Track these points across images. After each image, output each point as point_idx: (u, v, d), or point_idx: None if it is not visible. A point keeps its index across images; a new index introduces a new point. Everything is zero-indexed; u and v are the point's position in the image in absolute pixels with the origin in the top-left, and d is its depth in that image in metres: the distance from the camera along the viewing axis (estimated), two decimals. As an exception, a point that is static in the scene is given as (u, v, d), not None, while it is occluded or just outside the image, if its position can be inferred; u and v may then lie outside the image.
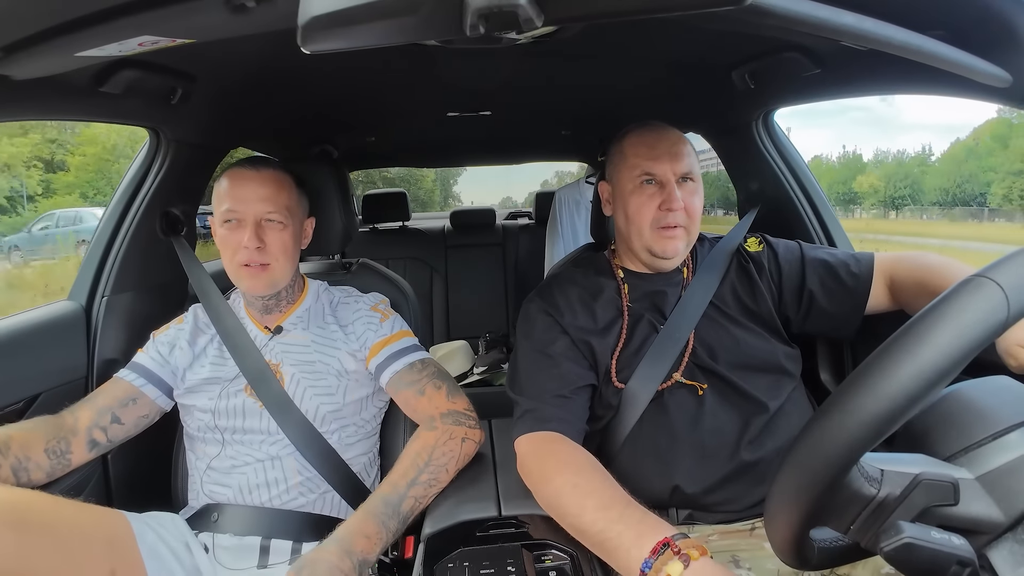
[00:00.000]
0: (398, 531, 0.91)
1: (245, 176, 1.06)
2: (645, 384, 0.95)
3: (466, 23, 0.46)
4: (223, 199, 1.05)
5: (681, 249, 1.01)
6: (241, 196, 1.05)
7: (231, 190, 1.05)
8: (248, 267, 1.05)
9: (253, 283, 1.07)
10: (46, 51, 0.69)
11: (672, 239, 0.99)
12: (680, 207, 0.97)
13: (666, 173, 0.98)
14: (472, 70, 1.30)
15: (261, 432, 1.06)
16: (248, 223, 1.04)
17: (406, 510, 0.91)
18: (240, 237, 1.04)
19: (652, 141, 1.01)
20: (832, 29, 0.51)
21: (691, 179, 1.00)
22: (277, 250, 1.06)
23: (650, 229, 0.99)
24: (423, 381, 1.08)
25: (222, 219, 1.05)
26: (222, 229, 1.06)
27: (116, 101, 1.03)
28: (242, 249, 1.04)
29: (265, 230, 1.05)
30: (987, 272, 0.40)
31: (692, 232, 1.01)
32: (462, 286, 3.12)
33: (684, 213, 0.98)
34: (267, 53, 1.04)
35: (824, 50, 0.99)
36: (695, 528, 0.93)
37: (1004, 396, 0.51)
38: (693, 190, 1.00)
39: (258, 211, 1.05)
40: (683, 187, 0.99)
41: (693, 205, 1.00)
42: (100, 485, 1.20)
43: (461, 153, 3.18)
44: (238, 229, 1.05)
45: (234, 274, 1.08)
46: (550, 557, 0.80)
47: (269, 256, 1.06)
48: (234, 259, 1.05)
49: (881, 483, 0.44)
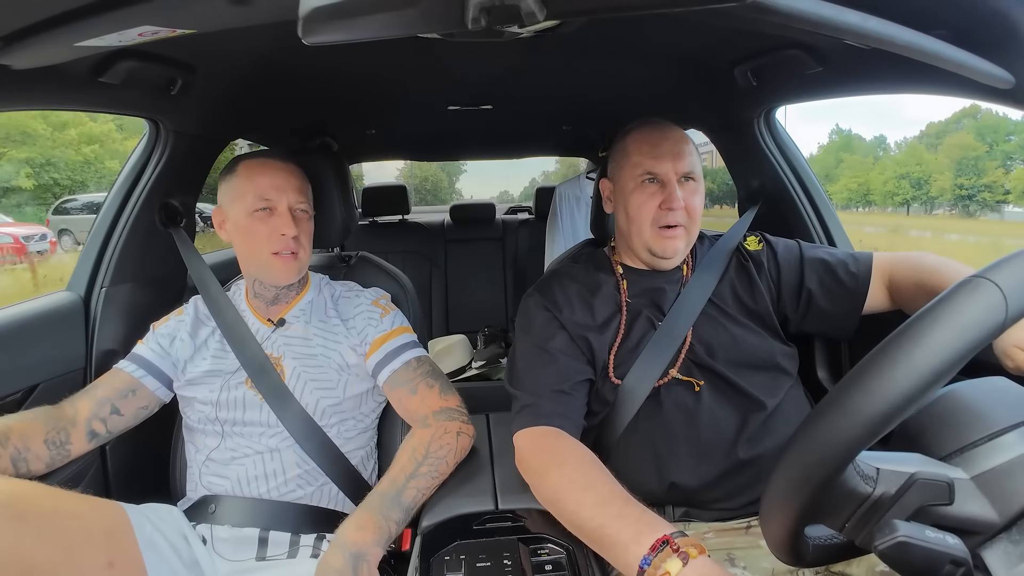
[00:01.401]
0: (402, 521, 0.90)
1: (276, 167, 1.08)
2: (642, 380, 0.95)
3: (468, 16, 0.46)
4: (254, 187, 1.05)
5: (681, 249, 1.01)
6: (276, 185, 1.06)
7: (264, 178, 1.06)
8: (279, 256, 1.06)
9: (286, 270, 1.08)
10: (45, 41, 0.69)
11: (672, 239, 0.99)
12: (681, 207, 0.98)
13: (668, 172, 0.98)
14: (473, 64, 1.30)
15: (261, 424, 1.06)
16: (283, 211, 1.06)
17: (408, 500, 0.91)
18: (274, 225, 1.05)
19: (655, 140, 1.00)
20: (835, 27, 0.51)
21: (692, 178, 1.00)
22: (305, 239, 1.10)
23: (651, 228, 1.00)
24: (417, 380, 1.08)
25: (251, 208, 1.05)
26: (251, 219, 1.06)
27: (115, 91, 1.03)
28: (277, 237, 1.05)
29: (296, 220, 1.08)
30: (986, 273, 0.40)
31: (692, 231, 1.02)
32: (461, 280, 3.12)
33: (685, 213, 0.99)
34: (268, 45, 1.03)
35: (827, 48, 0.99)
36: (691, 525, 0.94)
37: (1001, 397, 0.51)
38: (694, 190, 1.00)
39: (292, 200, 1.07)
40: (684, 187, 0.99)
41: (694, 205, 1.00)
42: (98, 476, 1.20)
43: (461, 147, 3.17)
44: (271, 218, 1.06)
45: (263, 263, 1.08)
46: (546, 551, 0.80)
47: (299, 245, 1.08)
48: (265, 248, 1.06)
49: (877, 482, 0.45)
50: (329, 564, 0.82)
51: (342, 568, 0.81)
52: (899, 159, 35.58)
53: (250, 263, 1.10)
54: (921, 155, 33.92)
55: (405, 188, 3.18)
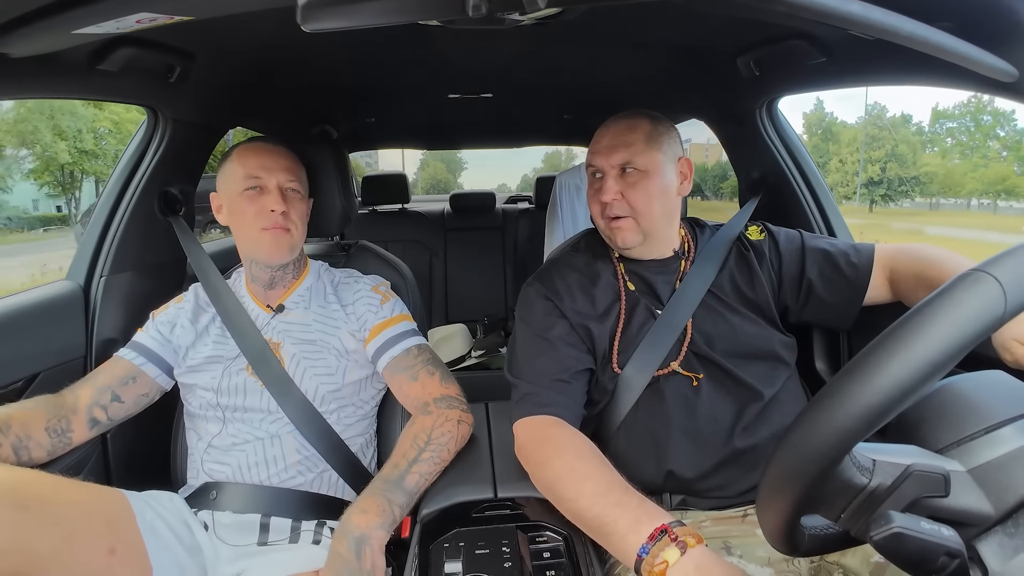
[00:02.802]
0: (405, 505, 0.90)
1: (265, 148, 1.10)
2: (641, 370, 0.96)
3: (468, 3, 0.46)
4: (245, 167, 1.07)
5: (631, 240, 1.00)
6: (265, 164, 1.07)
7: (253, 159, 1.07)
8: (269, 231, 1.06)
9: (275, 246, 1.08)
10: (44, 29, 0.69)
11: (620, 230, 1.00)
12: (613, 198, 0.97)
13: (603, 165, 0.99)
14: (474, 52, 1.28)
15: (261, 411, 1.06)
16: (272, 189, 1.07)
17: (410, 485, 0.91)
18: (264, 202, 1.06)
19: (600, 134, 1.01)
20: (839, 17, 0.51)
21: (634, 169, 0.98)
22: (297, 217, 1.10)
23: (602, 221, 1.01)
24: (417, 367, 1.09)
25: (242, 188, 1.06)
26: (241, 198, 1.07)
27: (114, 79, 1.02)
28: (267, 213, 1.06)
29: (287, 199, 1.08)
30: (985, 267, 0.40)
31: (643, 222, 0.99)
32: (461, 269, 3.12)
33: (626, 204, 0.98)
34: (267, 31, 1.02)
35: (830, 39, 0.98)
36: (688, 514, 0.94)
37: (998, 390, 0.51)
38: (633, 181, 0.98)
39: (281, 180, 1.08)
40: (623, 179, 0.98)
41: (632, 196, 0.98)
42: (99, 464, 1.20)
43: (462, 136, 3.16)
44: (261, 196, 1.07)
45: (253, 241, 1.08)
46: (544, 538, 0.81)
47: (290, 222, 1.08)
48: (254, 225, 1.07)
49: (873, 473, 0.45)
50: (334, 550, 0.83)
51: (345, 553, 0.82)
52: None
53: (244, 242, 1.11)
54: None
55: (405, 177, 3.17)
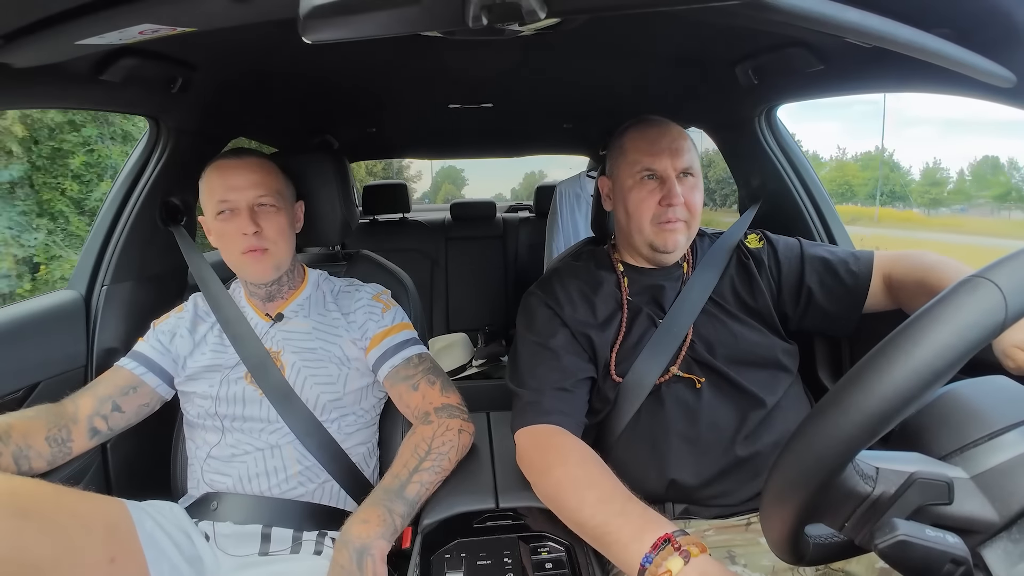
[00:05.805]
0: (406, 515, 0.89)
1: (230, 166, 1.06)
2: (643, 378, 0.95)
3: (469, 14, 0.46)
4: (213, 192, 1.05)
5: (681, 243, 1.01)
6: (231, 185, 1.04)
7: (220, 181, 1.05)
8: (249, 254, 1.05)
9: (257, 269, 1.07)
10: (46, 39, 0.69)
11: (673, 232, 0.99)
12: (680, 202, 0.98)
13: (667, 169, 0.98)
14: (474, 62, 1.29)
15: (261, 420, 1.06)
16: (243, 210, 1.04)
17: (411, 494, 0.91)
18: (237, 225, 1.03)
19: (653, 137, 1.00)
20: (836, 25, 0.51)
21: (691, 174, 1.00)
22: (274, 233, 1.06)
23: (651, 224, 1.00)
24: (418, 376, 1.08)
25: (215, 212, 1.05)
26: (216, 222, 1.05)
27: (116, 90, 1.03)
28: (240, 236, 1.03)
29: (260, 215, 1.05)
30: (986, 273, 0.40)
31: (692, 227, 1.02)
32: (462, 278, 3.12)
33: (685, 208, 0.99)
34: (268, 43, 1.03)
35: (828, 46, 0.99)
36: (691, 523, 0.94)
37: (1000, 396, 0.51)
38: (693, 185, 1.00)
39: (250, 197, 1.04)
40: (683, 182, 0.99)
41: (693, 200, 1.00)
42: (100, 474, 1.20)
43: (462, 145, 3.16)
44: (233, 218, 1.04)
45: (237, 264, 1.08)
46: (546, 549, 0.80)
47: (267, 240, 1.05)
48: (234, 249, 1.05)
49: (876, 481, 0.45)
50: (336, 561, 0.82)
51: (347, 563, 0.81)
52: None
53: (230, 264, 1.10)
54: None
55: (406, 186, 3.18)
